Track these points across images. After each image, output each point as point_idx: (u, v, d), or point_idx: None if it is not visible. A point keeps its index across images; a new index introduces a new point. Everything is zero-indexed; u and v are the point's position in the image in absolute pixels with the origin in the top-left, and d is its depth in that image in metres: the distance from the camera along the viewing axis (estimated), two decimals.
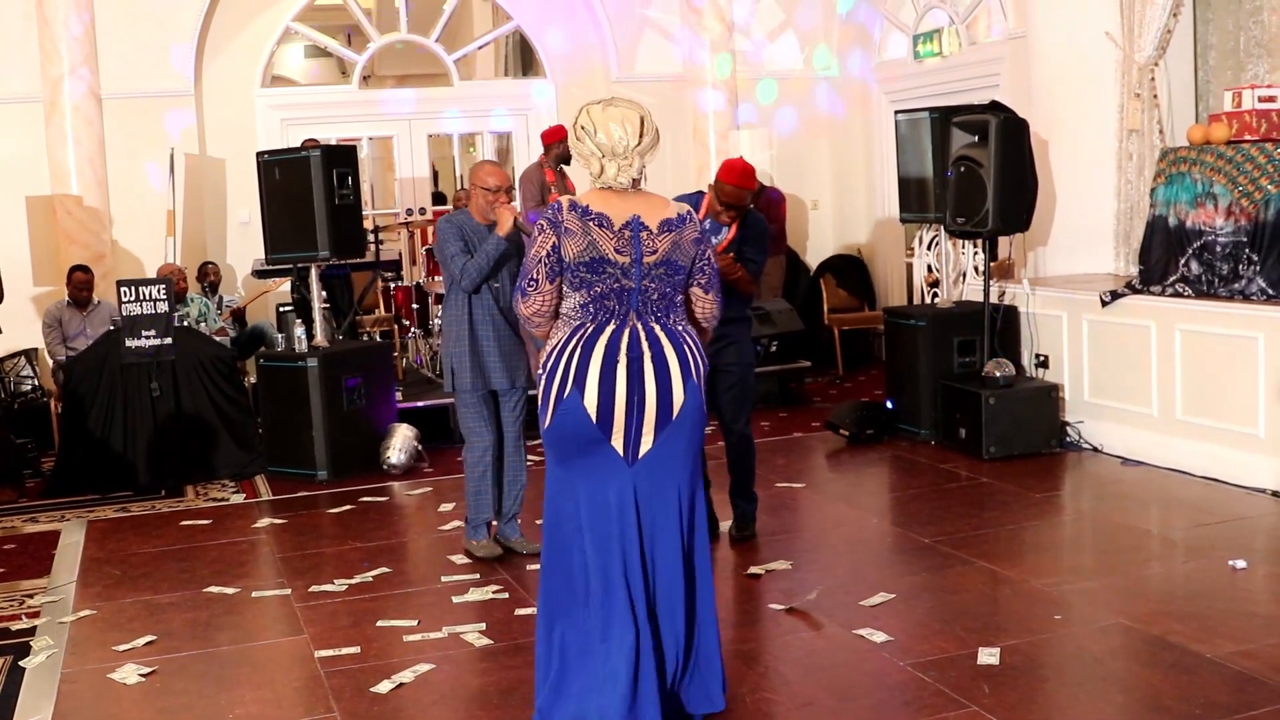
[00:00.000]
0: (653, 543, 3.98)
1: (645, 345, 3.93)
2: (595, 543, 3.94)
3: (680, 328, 4.02)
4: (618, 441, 3.93)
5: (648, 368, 3.91)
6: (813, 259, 12.70)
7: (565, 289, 3.96)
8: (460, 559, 6.25)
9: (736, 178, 5.86)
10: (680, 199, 5.21)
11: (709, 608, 4.11)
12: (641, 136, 3.93)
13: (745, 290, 6.06)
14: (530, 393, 5.50)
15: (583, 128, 3.96)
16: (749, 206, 6.03)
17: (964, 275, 9.38)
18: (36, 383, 9.97)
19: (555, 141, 9.95)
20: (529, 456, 6.43)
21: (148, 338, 8.23)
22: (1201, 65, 8.69)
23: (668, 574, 3.98)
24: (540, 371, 4.01)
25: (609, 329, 3.93)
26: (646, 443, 3.94)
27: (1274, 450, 6.70)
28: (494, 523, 6.33)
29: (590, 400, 3.89)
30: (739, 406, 6.24)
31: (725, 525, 6.49)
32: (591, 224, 3.90)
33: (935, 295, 9.47)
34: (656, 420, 3.93)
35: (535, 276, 3.93)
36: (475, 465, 6.22)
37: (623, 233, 3.92)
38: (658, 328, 3.96)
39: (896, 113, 9.26)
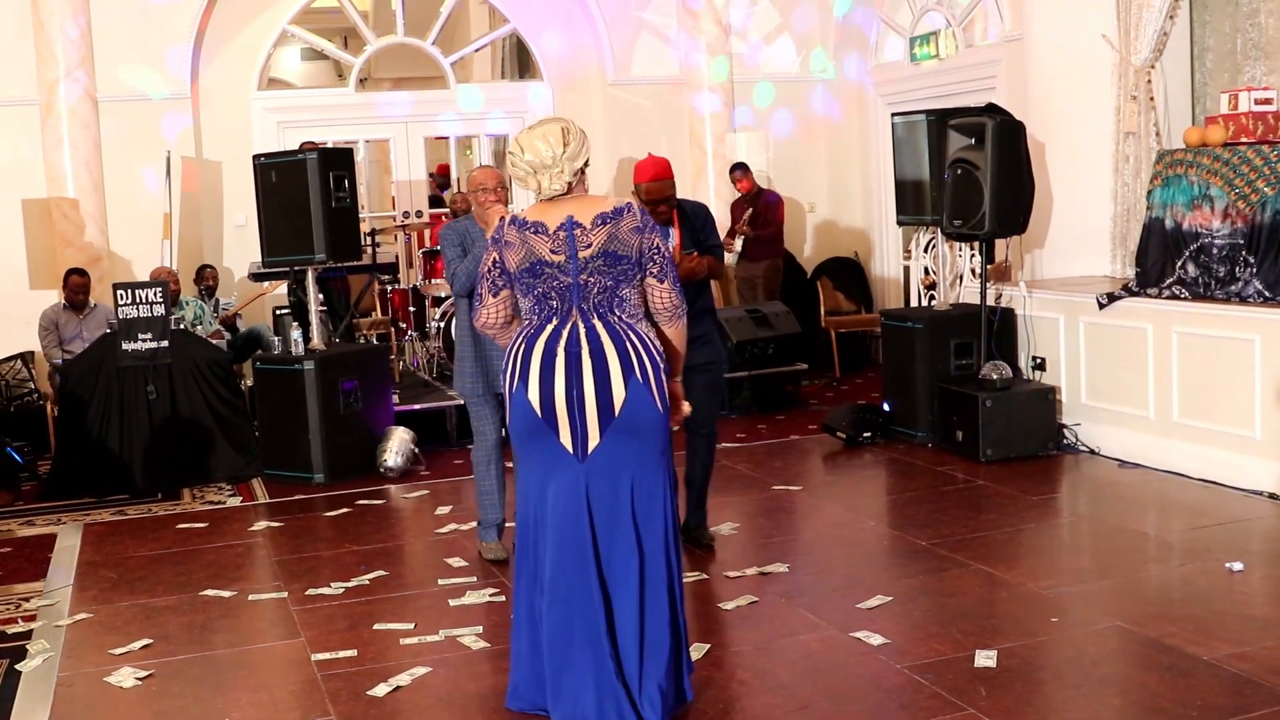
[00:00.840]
0: (609, 543, 4.05)
1: (584, 342, 4.04)
2: (552, 537, 4.05)
3: (623, 325, 4.09)
4: (566, 437, 4.05)
5: (585, 363, 4.02)
6: (809, 261, 12.70)
7: (519, 296, 4.15)
8: (457, 561, 6.24)
9: (650, 175, 5.81)
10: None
11: (661, 615, 4.08)
12: (565, 145, 4.08)
13: (717, 273, 6.06)
14: None
15: (511, 152, 4.15)
16: (675, 196, 5.92)
17: (961, 278, 9.38)
18: (33, 386, 9.96)
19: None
20: None
21: (144, 341, 8.23)
22: (1198, 68, 8.69)
23: (623, 570, 4.05)
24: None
25: (550, 326, 4.07)
26: (594, 439, 4.04)
27: (1270, 453, 6.71)
28: (506, 524, 6.29)
29: (533, 394, 4.04)
30: (709, 404, 6.02)
31: (724, 528, 6.49)
32: (528, 233, 4.08)
33: (932, 298, 9.47)
34: (599, 417, 4.03)
35: (480, 291, 4.20)
36: (479, 463, 6.25)
37: (557, 234, 4.07)
38: (599, 325, 4.06)
39: (893, 115, 9.26)
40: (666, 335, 4.25)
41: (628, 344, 4.06)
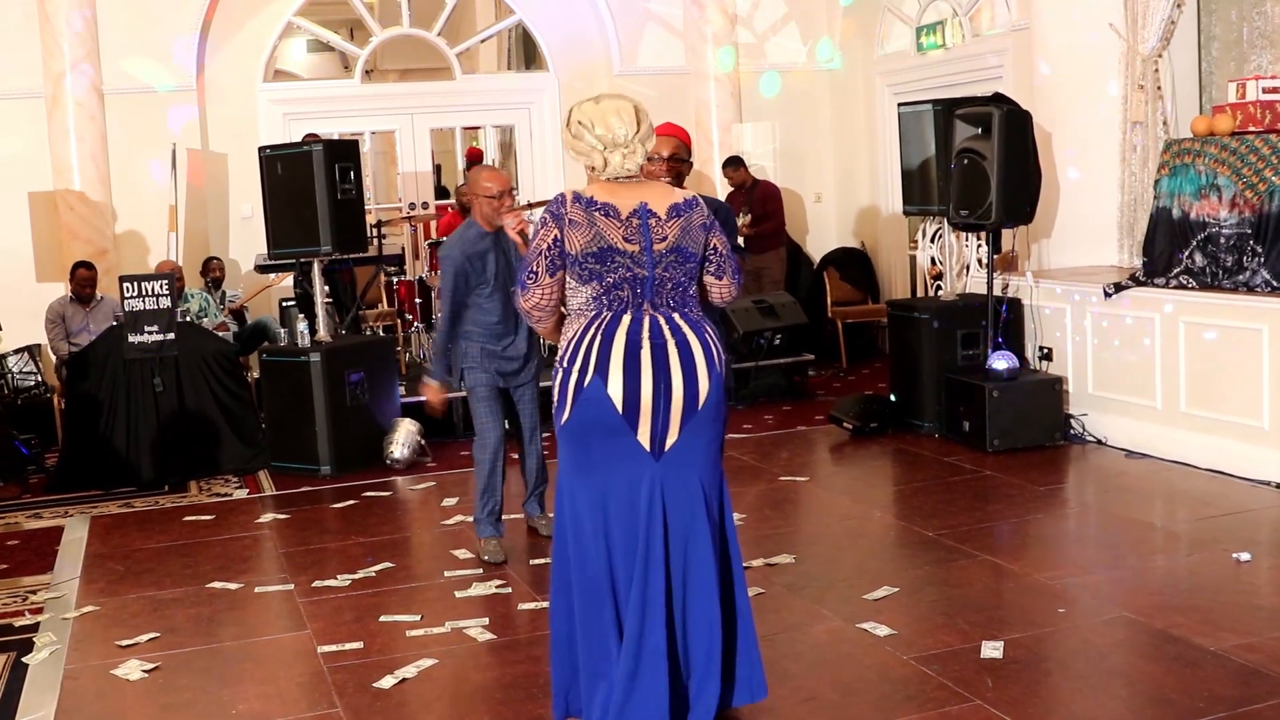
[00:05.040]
0: (684, 538, 3.85)
1: (668, 332, 3.82)
2: (619, 544, 3.83)
3: (698, 316, 3.92)
4: (644, 435, 3.80)
5: (673, 355, 3.80)
6: (816, 252, 12.69)
7: (574, 283, 3.86)
8: (464, 554, 6.24)
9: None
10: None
11: (746, 598, 4.04)
12: (638, 126, 3.86)
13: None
14: (543, 384, 5.47)
15: (579, 123, 3.87)
16: (682, 160, 5.30)
17: (967, 268, 9.36)
18: (40, 379, 9.98)
19: None
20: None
21: (150, 333, 8.23)
22: (1205, 56, 8.66)
23: (703, 570, 3.86)
24: (556, 367, 3.90)
25: (627, 317, 3.81)
26: (672, 436, 3.82)
27: (1278, 443, 6.69)
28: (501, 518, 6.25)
29: (615, 389, 3.76)
30: None
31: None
32: (597, 214, 3.81)
33: (939, 288, 9.45)
34: (683, 412, 3.81)
35: (535, 269, 3.85)
36: (484, 463, 6.14)
37: (630, 221, 3.83)
38: (677, 316, 3.86)
39: (899, 105, 9.24)
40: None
41: (707, 336, 3.88)
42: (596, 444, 3.83)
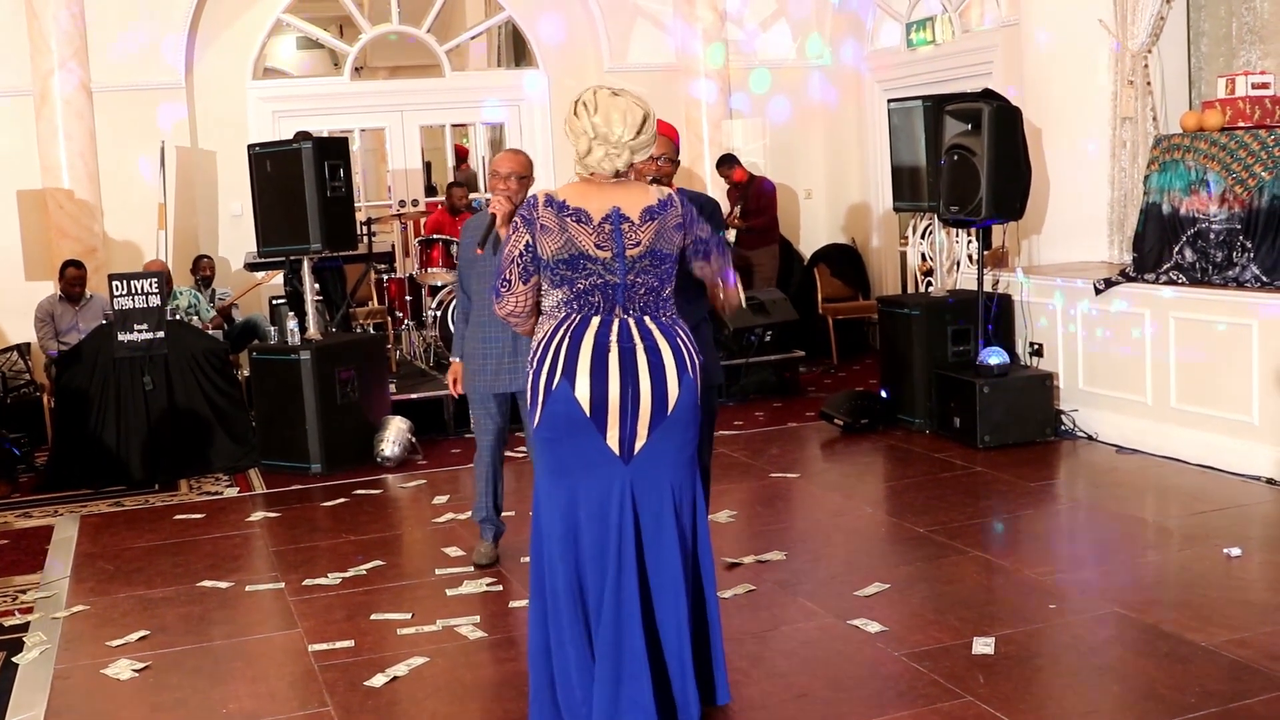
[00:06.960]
0: (654, 542, 3.85)
1: (637, 336, 3.81)
2: (589, 550, 3.82)
3: (670, 320, 3.91)
4: (613, 439, 3.79)
5: (641, 360, 3.79)
6: (806, 248, 12.69)
7: (546, 286, 3.88)
8: (454, 551, 6.23)
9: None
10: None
11: (715, 603, 4.04)
12: (638, 134, 3.82)
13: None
14: None
15: (584, 104, 3.83)
16: (665, 158, 4.94)
17: (958, 264, 9.37)
18: (29, 378, 9.95)
19: None
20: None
21: (140, 331, 8.21)
22: (1194, 52, 8.67)
23: (669, 572, 3.85)
24: (528, 368, 3.90)
25: (596, 319, 3.81)
26: (641, 439, 3.81)
27: (1269, 438, 6.70)
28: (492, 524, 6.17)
29: (582, 392, 3.76)
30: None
31: (721, 515, 6.49)
32: (569, 219, 3.79)
33: (929, 284, 9.46)
34: (652, 416, 3.80)
35: (508, 276, 3.86)
36: (481, 464, 6.02)
37: (602, 226, 3.80)
38: (648, 320, 3.85)
39: (889, 101, 9.24)
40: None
41: (679, 340, 3.87)
42: (566, 444, 3.82)
